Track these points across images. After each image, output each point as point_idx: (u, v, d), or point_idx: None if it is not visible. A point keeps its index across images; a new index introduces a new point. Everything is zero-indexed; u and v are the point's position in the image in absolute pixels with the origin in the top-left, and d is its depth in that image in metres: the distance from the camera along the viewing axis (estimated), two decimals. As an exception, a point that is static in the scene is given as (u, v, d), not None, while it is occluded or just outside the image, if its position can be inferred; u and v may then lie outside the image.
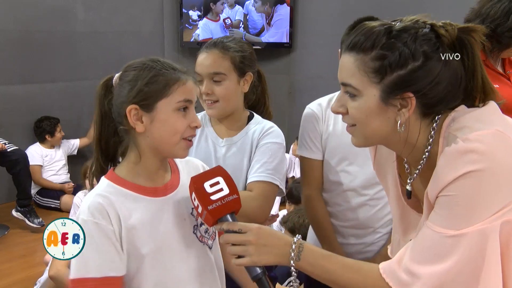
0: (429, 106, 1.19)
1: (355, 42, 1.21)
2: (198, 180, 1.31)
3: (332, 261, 1.29)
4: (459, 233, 1.11)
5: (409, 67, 1.16)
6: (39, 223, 4.67)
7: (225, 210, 1.30)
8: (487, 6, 2.32)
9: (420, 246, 1.17)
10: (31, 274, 3.78)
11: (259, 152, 1.90)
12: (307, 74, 6.15)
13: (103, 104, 1.43)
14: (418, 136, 1.22)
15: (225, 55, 1.88)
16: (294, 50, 6.34)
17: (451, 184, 1.11)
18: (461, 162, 1.10)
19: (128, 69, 1.39)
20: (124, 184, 1.38)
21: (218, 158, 1.92)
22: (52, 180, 5.43)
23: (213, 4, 6.21)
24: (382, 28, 1.18)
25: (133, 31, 6.19)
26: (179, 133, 1.36)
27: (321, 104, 2.11)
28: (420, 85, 1.16)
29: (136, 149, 1.39)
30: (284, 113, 6.15)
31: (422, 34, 1.17)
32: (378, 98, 1.19)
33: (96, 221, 1.30)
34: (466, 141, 1.10)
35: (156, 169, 1.42)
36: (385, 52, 1.17)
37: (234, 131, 1.96)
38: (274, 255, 1.30)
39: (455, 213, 1.12)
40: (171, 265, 1.38)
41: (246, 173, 1.91)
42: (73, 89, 5.80)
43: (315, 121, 2.09)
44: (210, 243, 1.48)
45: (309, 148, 2.11)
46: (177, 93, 1.35)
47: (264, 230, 1.31)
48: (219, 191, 1.30)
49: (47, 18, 5.54)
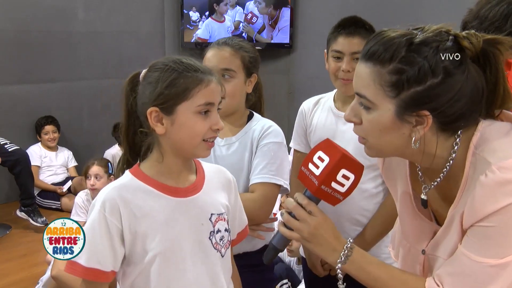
0: (447, 123, 1.15)
1: (373, 51, 1.15)
2: (344, 161, 1.25)
3: (379, 268, 1.29)
4: (502, 262, 1.10)
5: (427, 84, 1.11)
6: (43, 222, 4.70)
7: (323, 197, 1.29)
8: (486, 8, 2.32)
9: (461, 274, 1.16)
10: (31, 274, 3.79)
11: (261, 153, 1.91)
12: (307, 74, 6.15)
13: (129, 100, 1.42)
14: (435, 149, 1.18)
15: (236, 53, 1.91)
16: (294, 51, 6.36)
17: (491, 216, 1.09)
18: (501, 194, 1.07)
19: (152, 70, 1.38)
20: (146, 180, 1.39)
21: (217, 157, 1.93)
22: (51, 180, 5.44)
23: (217, 5, 6.19)
24: (403, 39, 1.12)
25: (132, 31, 6.17)
26: (200, 136, 1.35)
27: (312, 101, 2.19)
28: (438, 103, 1.12)
29: (159, 149, 1.39)
30: (284, 112, 6.16)
31: (444, 48, 1.11)
32: (393, 113, 1.15)
33: (106, 215, 1.33)
34: (503, 171, 1.07)
35: (179, 169, 1.42)
36: (404, 67, 1.11)
37: (234, 130, 1.97)
38: (323, 249, 1.30)
39: (495, 243, 1.10)
40: (183, 267, 1.39)
41: (246, 172, 1.92)
42: (72, 89, 5.81)
43: (302, 116, 2.19)
44: (223, 252, 1.47)
45: (296, 141, 2.22)
46: (198, 96, 1.33)
47: (328, 224, 1.30)
48: (341, 185, 1.26)
49: (46, 18, 5.55)
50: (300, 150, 2.20)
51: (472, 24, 2.30)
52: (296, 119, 2.21)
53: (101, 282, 1.36)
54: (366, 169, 1.94)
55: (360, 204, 2.05)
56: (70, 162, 5.68)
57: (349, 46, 1.96)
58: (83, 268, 1.33)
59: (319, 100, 2.17)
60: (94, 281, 1.35)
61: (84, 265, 1.32)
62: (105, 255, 1.33)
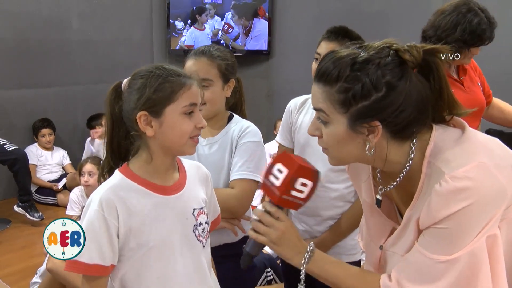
0: (397, 131, 1.17)
1: (322, 71, 1.18)
2: (301, 171, 1.26)
3: (338, 267, 1.31)
4: (451, 258, 1.13)
5: (372, 98, 1.12)
6: (39, 216, 4.65)
7: (286, 205, 1.30)
8: (439, 18, 2.34)
9: (416, 270, 1.18)
10: (31, 264, 3.76)
11: (240, 151, 1.91)
12: (285, 79, 6.18)
13: (113, 109, 1.42)
14: (391, 155, 1.20)
15: (212, 63, 1.90)
16: (272, 57, 6.37)
17: (445, 220, 1.12)
18: (453, 201, 1.10)
19: (136, 77, 1.39)
20: (136, 180, 1.39)
21: (200, 155, 1.93)
22: (47, 178, 5.40)
23: (199, 15, 6.32)
24: (348, 59, 1.14)
25: (124, 39, 6.16)
26: (187, 134, 1.37)
27: (299, 100, 2.17)
28: (385, 114, 1.13)
29: (148, 150, 1.39)
30: (263, 114, 6.18)
31: (385, 63, 1.12)
32: (346, 126, 1.17)
33: (103, 214, 1.32)
34: (455, 180, 1.10)
35: (166, 168, 1.42)
36: (349, 85, 1.13)
37: (215, 131, 1.96)
38: (289, 251, 1.31)
39: (446, 242, 1.14)
40: (173, 259, 1.40)
41: (227, 170, 1.93)
42: (67, 94, 5.77)
43: (288, 114, 2.17)
44: (205, 242, 1.49)
45: (282, 136, 2.20)
46: (182, 98, 1.35)
47: (293, 229, 1.32)
48: (300, 192, 1.27)
49: (43, 28, 5.51)
50: (285, 145, 2.19)
51: (429, 32, 2.35)
52: (283, 115, 2.20)
53: (103, 276, 1.35)
54: (338, 171, 2.02)
55: (332, 202, 2.06)
56: (65, 161, 5.64)
57: (326, 49, 1.95)
58: (85, 265, 1.31)
59: (306, 101, 2.15)
60: (97, 276, 1.34)
61: (87, 262, 1.31)
62: (105, 251, 1.32)
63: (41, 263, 3.30)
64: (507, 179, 1.13)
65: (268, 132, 5.67)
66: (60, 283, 3.06)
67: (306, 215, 2.07)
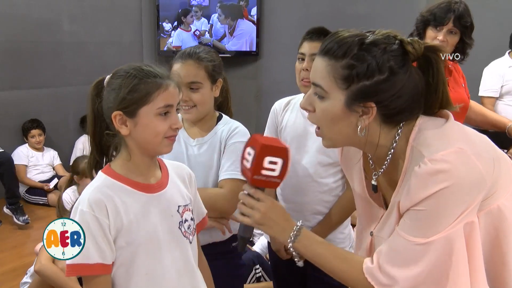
0: (389, 115, 1.18)
1: (329, 48, 1.18)
2: (266, 150, 1.25)
3: (324, 247, 1.30)
4: (428, 241, 1.13)
5: (374, 79, 1.14)
6: (24, 220, 4.54)
7: (262, 185, 1.29)
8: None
9: (395, 252, 1.18)
10: (21, 264, 3.73)
11: (228, 152, 1.90)
12: (273, 79, 6.19)
13: (95, 104, 1.40)
14: (379, 140, 1.21)
15: (199, 65, 1.87)
16: (260, 58, 6.38)
17: (423, 201, 1.12)
18: (430, 183, 1.10)
19: (114, 76, 1.37)
20: (119, 179, 1.37)
21: (189, 156, 1.91)
22: (38, 178, 5.35)
23: (184, 17, 6.35)
24: (356, 39, 1.16)
25: (114, 41, 6.15)
26: (161, 135, 1.35)
27: (283, 101, 2.18)
28: (382, 97, 1.15)
29: (126, 149, 1.39)
30: (252, 114, 6.18)
31: (391, 49, 1.15)
32: (343, 103, 1.17)
33: (94, 214, 1.30)
34: (433, 162, 1.10)
35: (147, 166, 1.41)
36: (355, 63, 1.15)
37: (204, 132, 1.95)
38: (274, 231, 1.31)
39: (424, 224, 1.14)
40: (160, 255, 1.39)
41: (216, 169, 1.91)
42: (58, 95, 5.74)
43: (274, 115, 2.17)
44: (191, 238, 1.48)
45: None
46: (158, 99, 1.33)
47: (276, 207, 1.31)
48: (272, 170, 1.26)
49: (35, 30, 5.47)
50: None
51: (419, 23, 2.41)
52: (269, 117, 2.20)
53: (105, 274, 1.33)
54: (326, 166, 2.02)
55: (321, 196, 2.06)
56: (55, 161, 5.59)
57: (310, 49, 1.97)
58: (88, 266, 1.29)
59: (290, 101, 2.16)
60: (100, 275, 1.32)
61: (90, 263, 1.29)
62: (105, 249, 1.31)
63: (31, 263, 3.28)
64: (487, 169, 1.13)
65: (257, 131, 5.64)
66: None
67: (295, 210, 2.06)
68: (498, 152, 1.23)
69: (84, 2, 5.84)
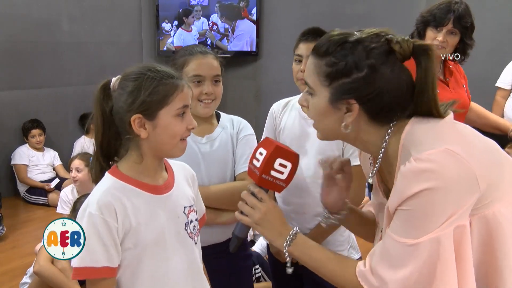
0: (375, 113, 1.19)
1: (318, 46, 1.22)
2: (278, 152, 1.30)
3: (319, 251, 1.31)
4: (416, 242, 1.11)
5: (353, 76, 1.16)
6: None
7: (268, 186, 1.33)
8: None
9: (385, 253, 1.17)
10: (21, 264, 3.72)
11: (241, 145, 1.95)
12: (272, 79, 6.18)
13: (103, 108, 1.38)
14: (368, 137, 1.22)
15: (217, 59, 1.92)
16: (260, 58, 6.37)
17: (407, 200, 1.11)
18: (414, 181, 1.09)
19: (127, 79, 1.35)
20: (128, 181, 1.36)
21: (204, 154, 1.92)
22: (39, 178, 5.34)
23: (186, 17, 6.35)
24: (340, 37, 1.19)
25: (114, 41, 6.14)
26: (179, 136, 1.36)
27: (281, 103, 2.18)
28: (362, 93, 1.16)
29: (138, 151, 1.37)
30: (252, 114, 6.15)
31: (372, 47, 1.16)
32: (328, 100, 1.20)
33: (103, 217, 1.28)
34: (418, 161, 1.09)
35: (155, 168, 1.41)
36: (335, 60, 1.17)
37: (210, 128, 1.97)
38: (271, 233, 1.33)
39: (411, 224, 1.12)
40: (166, 256, 1.38)
41: (231, 164, 1.95)
42: (58, 95, 5.73)
43: (272, 117, 2.18)
44: (196, 239, 1.48)
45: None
46: (176, 100, 1.33)
47: (276, 211, 1.34)
48: (280, 173, 1.30)
49: (34, 30, 5.46)
50: None
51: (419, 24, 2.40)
52: (267, 119, 2.20)
53: (111, 277, 1.32)
54: None
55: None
56: (56, 161, 5.59)
57: (306, 50, 1.97)
58: (94, 269, 1.28)
59: (288, 103, 2.15)
60: (106, 278, 1.31)
61: (95, 266, 1.27)
62: (112, 252, 1.30)
63: (31, 263, 3.27)
64: (482, 171, 1.10)
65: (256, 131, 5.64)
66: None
67: (296, 212, 2.06)
68: (504, 156, 1.20)
69: (83, 2, 5.83)
